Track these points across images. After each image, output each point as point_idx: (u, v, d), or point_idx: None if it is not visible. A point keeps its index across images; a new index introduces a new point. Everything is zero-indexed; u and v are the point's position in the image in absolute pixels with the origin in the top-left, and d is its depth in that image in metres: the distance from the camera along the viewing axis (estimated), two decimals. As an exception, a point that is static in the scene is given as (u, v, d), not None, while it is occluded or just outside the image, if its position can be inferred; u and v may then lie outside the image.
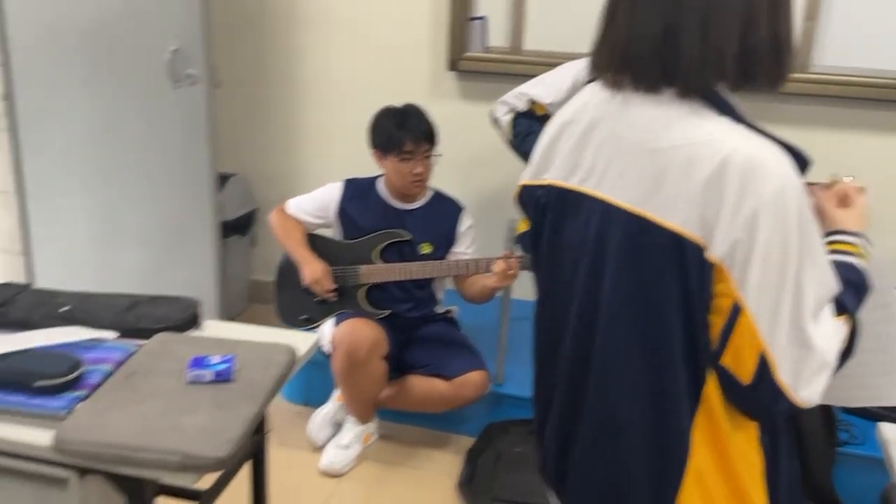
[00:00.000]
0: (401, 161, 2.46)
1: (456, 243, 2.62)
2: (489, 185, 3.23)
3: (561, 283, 1.17)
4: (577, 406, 1.17)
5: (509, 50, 3.11)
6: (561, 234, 1.16)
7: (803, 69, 2.85)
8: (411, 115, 2.48)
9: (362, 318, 2.45)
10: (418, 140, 2.45)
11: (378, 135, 2.50)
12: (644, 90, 1.07)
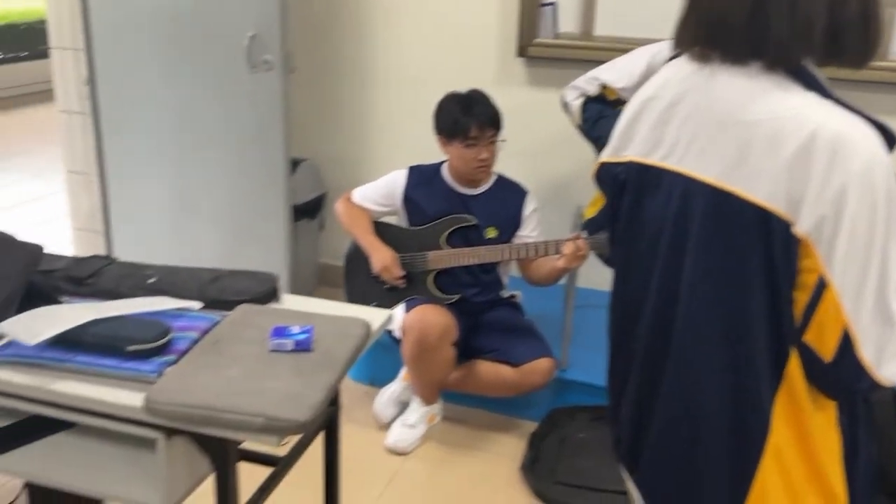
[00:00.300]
0: (466, 147, 2.48)
1: (521, 227, 2.63)
2: (557, 172, 3.23)
3: (640, 261, 1.18)
4: (654, 384, 1.18)
5: (580, 36, 3.11)
6: (640, 211, 1.17)
7: (882, 57, 2.77)
8: (476, 101, 2.50)
9: (432, 304, 2.48)
10: (483, 126, 2.47)
11: (443, 120, 2.52)
12: (731, 63, 1.07)
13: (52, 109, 3.49)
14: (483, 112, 2.48)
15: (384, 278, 2.57)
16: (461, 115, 2.47)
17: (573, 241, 2.37)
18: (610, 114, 2.48)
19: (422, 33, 3.33)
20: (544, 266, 2.54)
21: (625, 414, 1.25)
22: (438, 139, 2.57)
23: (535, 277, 2.61)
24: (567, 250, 2.37)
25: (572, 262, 2.39)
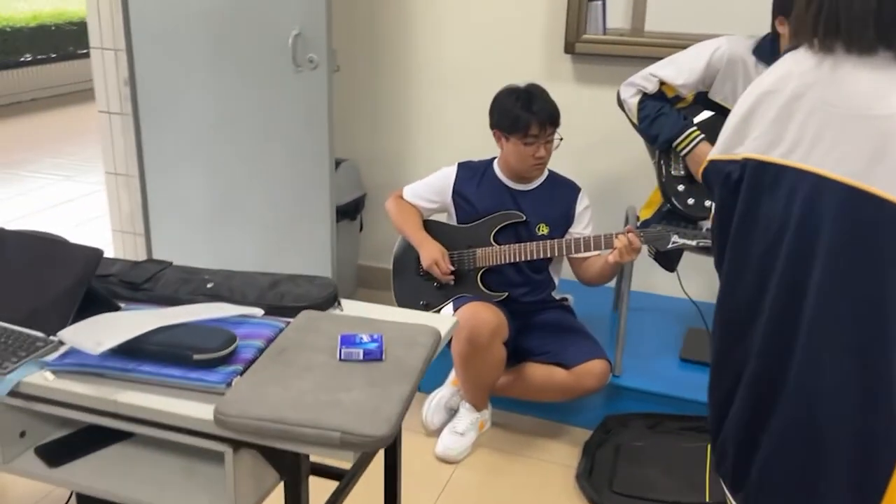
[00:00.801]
0: (524, 144, 2.41)
1: (573, 224, 2.55)
2: (606, 172, 3.15)
3: (755, 263, 1.11)
4: (769, 395, 1.10)
5: (630, 32, 3.02)
6: (756, 210, 1.10)
7: None
8: (536, 97, 2.43)
9: (483, 302, 2.42)
10: (544, 123, 2.40)
11: (501, 115, 2.45)
12: (857, 54, 0.99)
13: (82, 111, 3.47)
14: (543, 109, 2.41)
15: (434, 273, 2.51)
16: (522, 110, 2.40)
17: (625, 235, 2.29)
18: (668, 111, 2.41)
19: (466, 29, 3.27)
20: (596, 263, 2.46)
21: (730, 429, 1.18)
22: (494, 134, 2.51)
23: (588, 276, 2.53)
24: (619, 244, 2.29)
25: (625, 256, 2.30)
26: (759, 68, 2.34)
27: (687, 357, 2.76)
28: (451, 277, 2.51)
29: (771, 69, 1.17)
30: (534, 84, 2.49)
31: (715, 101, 2.40)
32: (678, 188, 2.43)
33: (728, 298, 1.18)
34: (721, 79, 2.36)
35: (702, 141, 2.38)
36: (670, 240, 2.25)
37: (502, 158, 2.55)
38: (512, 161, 2.48)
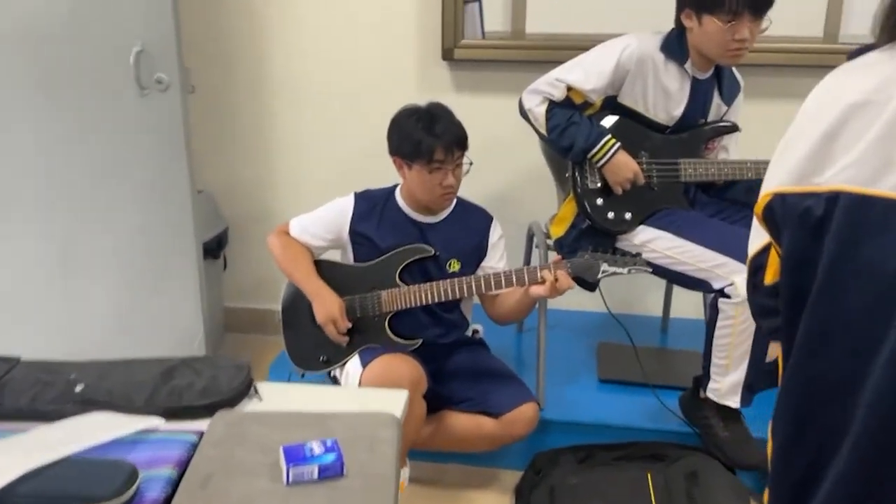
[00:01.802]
0: (430, 172, 2.12)
1: (487, 256, 2.30)
2: (495, 186, 2.92)
3: (855, 326, 0.88)
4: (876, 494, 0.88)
5: (511, 35, 2.81)
6: (857, 258, 0.87)
7: (832, 40, 2.65)
8: (440, 118, 2.14)
9: (394, 354, 2.11)
10: (450, 147, 2.12)
11: (401, 140, 2.15)
12: None
13: None
14: (448, 131, 2.12)
15: (328, 333, 2.17)
16: (424, 134, 2.11)
17: (551, 269, 2.05)
18: (580, 119, 2.20)
19: (331, 41, 2.94)
20: (511, 297, 2.21)
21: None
22: (395, 161, 2.20)
23: (502, 311, 2.28)
24: (548, 277, 2.05)
25: (553, 293, 2.07)
26: (668, 67, 2.19)
27: (606, 377, 2.59)
28: (345, 339, 2.18)
29: (851, 72, 0.95)
30: (436, 103, 2.21)
31: (624, 105, 2.23)
32: (596, 202, 2.24)
33: (806, 368, 0.95)
34: (631, 80, 2.18)
35: (619, 150, 2.19)
36: (599, 269, 2.05)
37: (405, 188, 2.25)
38: (417, 191, 2.19)
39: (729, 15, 2.01)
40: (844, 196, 0.87)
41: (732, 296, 2.07)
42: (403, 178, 2.22)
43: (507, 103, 2.87)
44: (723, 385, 2.16)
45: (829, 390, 0.91)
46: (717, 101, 2.30)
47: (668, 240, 2.18)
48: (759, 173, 2.27)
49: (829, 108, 0.92)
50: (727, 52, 2.08)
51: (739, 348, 2.12)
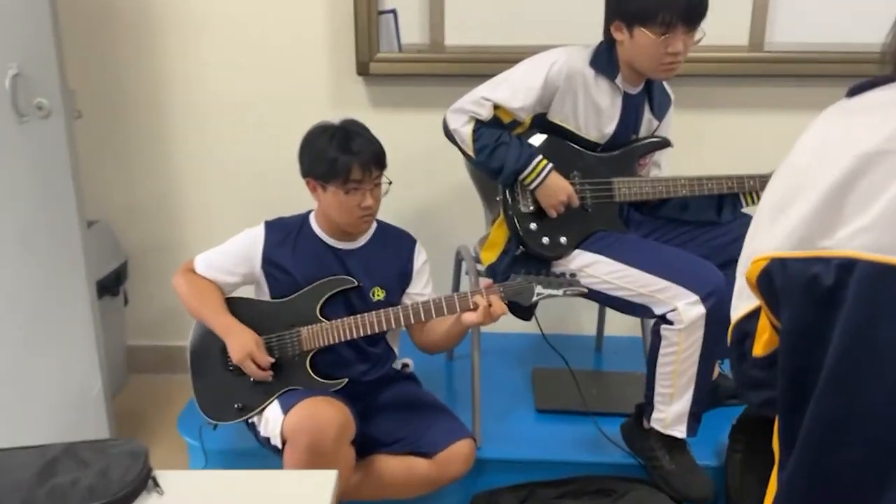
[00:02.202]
0: (347, 193, 1.95)
1: (412, 282, 2.14)
2: (417, 207, 2.77)
3: (877, 413, 0.75)
4: None
5: (429, 47, 2.66)
6: (876, 336, 0.74)
7: (757, 48, 2.60)
8: (355, 135, 1.97)
9: (319, 397, 1.93)
10: (367, 165, 1.95)
11: (314, 160, 1.97)
12: None
13: None
14: (365, 148, 1.95)
15: (248, 371, 1.97)
16: (339, 152, 1.93)
17: (483, 294, 1.90)
18: (509, 140, 2.07)
19: (235, 53, 2.73)
20: (440, 326, 2.05)
21: None
22: (308, 183, 2.02)
23: (430, 340, 2.12)
24: (481, 303, 1.90)
25: (487, 319, 1.92)
26: (598, 82, 2.07)
27: (543, 407, 2.46)
28: (268, 374, 1.98)
29: (858, 114, 0.82)
30: (350, 119, 2.04)
31: (554, 123, 2.10)
32: (530, 227, 2.10)
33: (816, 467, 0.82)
34: (560, 97, 2.06)
35: (552, 171, 2.06)
36: (534, 292, 1.91)
37: (320, 212, 2.06)
38: (333, 214, 2.01)
39: (662, 27, 1.91)
40: (861, 265, 0.75)
41: (676, 322, 1.96)
42: (318, 202, 2.03)
43: (428, 119, 2.72)
44: (668, 415, 2.06)
45: (846, 492, 0.78)
46: (648, 116, 2.20)
47: (606, 264, 2.06)
48: (692, 190, 2.18)
49: (836, 158, 0.79)
50: (660, 66, 1.98)
51: (684, 376, 2.02)
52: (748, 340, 0.92)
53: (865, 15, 2.57)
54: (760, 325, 0.89)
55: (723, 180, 2.19)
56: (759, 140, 2.69)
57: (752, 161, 2.41)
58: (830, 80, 2.61)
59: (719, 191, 2.19)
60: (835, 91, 2.77)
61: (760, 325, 0.89)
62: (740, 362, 0.94)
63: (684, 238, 2.25)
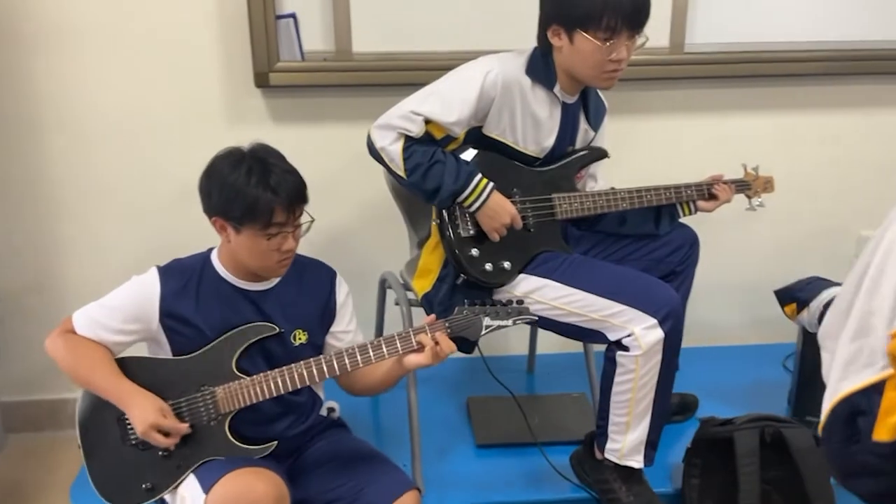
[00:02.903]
0: (268, 238, 1.69)
1: (336, 319, 1.90)
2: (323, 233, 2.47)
3: None
4: None
5: (335, 55, 2.42)
6: None
7: (678, 50, 2.51)
8: (274, 167, 1.70)
9: (244, 468, 1.66)
10: (292, 205, 1.70)
11: (227, 199, 1.68)
12: None
13: None
14: (287, 183, 1.69)
15: (157, 442, 1.69)
16: (260, 190, 1.66)
17: (428, 332, 1.70)
18: (444, 158, 1.87)
19: (118, 65, 2.39)
20: (378, 369, 1.83)
21: None
22: (214, 222, 1.74)
23: (364, 386, 1.90)
24: (427, 342, 1.69)
25: (435, 358, 1.71)
26: (535, 92, 1.91)
27: (483, 442, 2.28)
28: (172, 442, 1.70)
29: None
30: (261, 145, 1.77)
31: (491, 137, 1.92)
32: (471, 253, 1.91)
33: None
34: (497, 109, 1.88)
35: (493, 190, 1.88)
36: (482, 326, 1.72)
37: (226, 252, 1.79)
38: (245, 258, 1.74)
39: (606, 32, 1.76)
40: None
41: (632, 348, 1.83)
42: (226, 242, 1.76)
43: (336, 134, 2.51)
44: (623, 445, 1.93)
45: None
46: (584, 127, 2.05)
47: (554, 289, 1.90)
48: (632, 203, 2.07)
49: None
50: (603, 74, 1.83)
51: (641, 403, 1.89)
52: (862, 418, 0.76)
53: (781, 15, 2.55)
54: (888, 403, 0.74)
55: (661, 191, 2.09)
56: (684, 142, 2.62)
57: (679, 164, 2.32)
58: (751, 81, 2.57)
59: (658, 202, 2.09)
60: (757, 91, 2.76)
61: (888, 403, 0.74)
62: (847, 443, 0.79)
63: (625, 252, 2.12)
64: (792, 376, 2.43)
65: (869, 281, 0.75)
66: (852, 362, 0.77)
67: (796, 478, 1.93)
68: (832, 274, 2.38)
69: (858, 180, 2.72)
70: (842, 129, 2.67)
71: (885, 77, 2.61)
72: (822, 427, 0.82)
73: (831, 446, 0.81)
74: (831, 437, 0.81)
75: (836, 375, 0.78)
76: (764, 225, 2.64)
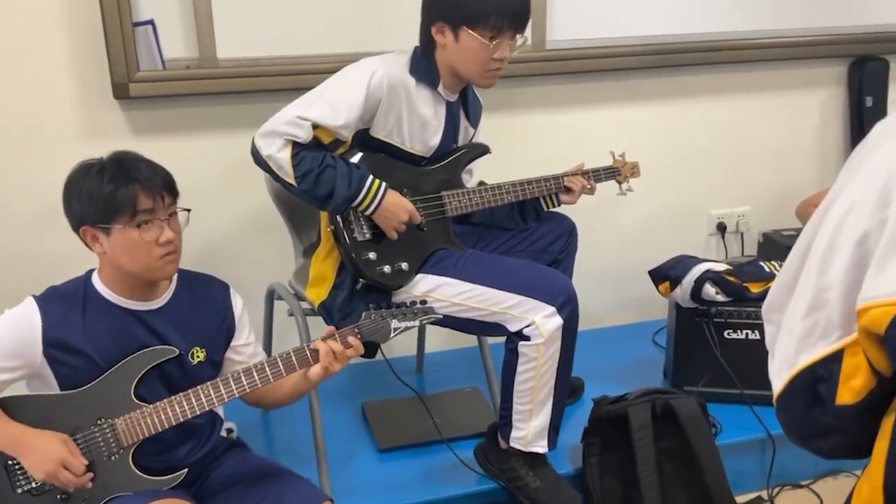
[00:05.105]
0: (139, 227, 1.59)
1: (235, 333, 1.83)
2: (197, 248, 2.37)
3: None
4: None
5: (199, 62, 2.32)
6: None
7: (540, 47, 2.60)
8: (133, 161, 1.62)
9: (159, 500, 1.57)
10: (155, 190, 1.61)
11: (86, 203, 1.58)
12: None
13: None
14: (149, 171, 1.61)
15: (65, 482, 1.56)
16: (118, 182, 1.57)
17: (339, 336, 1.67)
18: (335, 162, 1.84)
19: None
20: (285, 383, 1.78)
21: None
22: (83, 235, 1.62)
23: (269, 400, 1.84)
24: (322, 350, 1.65)
25: (336, 365, 1.68)
26: (420, 91, 1.92)
27: (385, 446, 2.26)
28: (87, 478, 1.59)
29: None
30: (120, 150, 1.67)
31: (378, 139, 1.91)
32: (369, 257, 1.89)
33: None
34: (384, 111, 1.87)
35: (388, 190, 1.87)
36: (390, 329, 1.72)
37: (106, 268, 1.66)
38: (126, 262, 1.61)
39: (493, 31, 1.80)
40: None
41: (534, 337, 1.88)
42: (102, 255, 1.65)
43: (205, 144, 2.43)
44: (528, 432, 1.98)
45: None
46: (465, 124, 2.09)
47: (452, 286, 1.92)
48: (517, 195, 2.12)
49: None
50: (486, 73, 1.87)
51: (543, 390, 1.94)
52: (822, 385, 0.83)
53: (637, 10, 2.69)
54: (847, 369, 0.80)
55: (542, 182, 2.15)
56: (553, 136, 2.71)
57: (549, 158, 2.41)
58: (609, 75, 2.71)
59: (540, 193, 2.16)
60: (615, 84, 2.89)
61: (848, 370, 0.80)
62: (808, 409, 0.85)
63: (509, 245, 2.18)
64: (665, 351, 2.58)
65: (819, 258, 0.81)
66: (809, 335, 0.83)
67: (686, 444, 2.06)
68: (690, 251, 2.56)
69: (704, 164, 2.92)
70: (691, 117, 2.86)
71: (719, 66, 2.81)
72: (779, 397, 0.89)
73: (791, 414, 0.88)
74: (791, 405, 0.87)
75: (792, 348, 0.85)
76: (627, 210, 2.79)
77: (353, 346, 1.66)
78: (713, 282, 2.27)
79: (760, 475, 2.23)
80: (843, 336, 0.80)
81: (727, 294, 2.27)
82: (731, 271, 2.31)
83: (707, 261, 2.36)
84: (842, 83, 2.99)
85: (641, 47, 2.67)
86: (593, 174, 2.23)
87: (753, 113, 2.91)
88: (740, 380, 2.29)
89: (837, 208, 0.81)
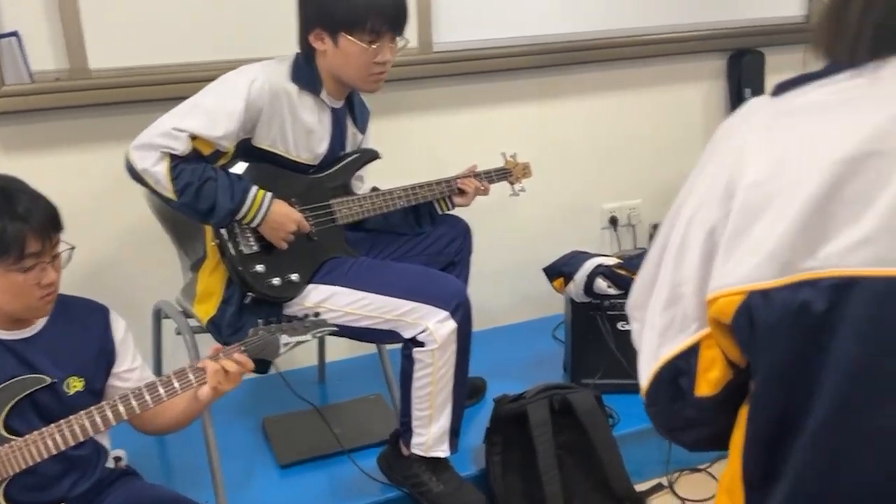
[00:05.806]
0: (24, 272, 1.51)
1: (118, 359, 1.75)
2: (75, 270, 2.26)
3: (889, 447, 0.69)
4: None
5: (70, 74, 2.21)
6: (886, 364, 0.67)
7: (427, 49, 2.59)
8: (17, 193, 1.53)
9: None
10: (45, 231, 1.53)
11: None
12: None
13: None
14: (36, 208, 1.52)
15: None
16: (6, 220, 1.47)
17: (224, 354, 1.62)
18: (216, 174, 1.78)
19: None
20: (176, 406, 1.72)
21: None
22: None
23: (158, 425, 1.78)
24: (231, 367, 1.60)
25: (226, 385, 1.63)
26: (303, 99, 1.88)
27: (286, 462, 2.21)
28: None
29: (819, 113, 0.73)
30: (2, 176, 1.58)
31: (261, 149, 1.86)
32: (256, 269, 1.84)
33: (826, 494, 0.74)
34: (266, 120, 1.83)
35: (273, 200, 1.83)
36: (280, 344, 1.67)
37: None
38: (3, 302, 1.54)
39: (371, 35, 1.77)
40: (865, 283, 0.68)
41: (428, 343, 1.87)
42: None
43: (79, 159, 2.33)
44: (429, 437, 1.97)
45: None
46: (352, 130, 2.06)
47: (344, 295, 1.89)
48: (409, 200, 2.11)
49: (807, 168, 0.71)
50: (369, 77, 1.85)
51: (441, 394, 1.94)
52: (684, 378, 0.83)
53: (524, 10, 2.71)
54: (704, 362, 0.81)
55: (434, 185, 2.15)
56: (442, 138, 2.71)
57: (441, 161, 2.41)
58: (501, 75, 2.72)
59: (433, 196, 2.15)
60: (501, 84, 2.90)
61: (705, 362, 0.81)
62: (672, 402, 0.86)
63: (404, 249, 2.17)
64: (564, 345, 2.61)
65: (673, 253, 0.82)
66: (668, 329, 0.84)
67: (584, 437, 2.09)
68: (585, 245, 2.60)
69: (595, 160, 2.97)
70: (579, 115, 2.91)
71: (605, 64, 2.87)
72: (646, 392, 0.89)
73: (658, 408, 0.89)
74: (657, 399, 0.88)
75: (655, 343, 0.85)
76: (521, 208, 2.81)
77: (241, 363, 1.61)
78: (604, 275, 2.32)
79: (659, 462, 2.29)
80: (700, 329, 0.82)
81: (619, 287, 2.32)
82: (622, 264, 2.36)
83: (598, 255, 2.40)
84: (722, 76, 3.10)
85: (528, 47, 2.69)
86: (485, 176, 2.23)
87: (640, 108, 2.98)
88: (635, 370, 2.33)
89: (689, 203, 0.82)
